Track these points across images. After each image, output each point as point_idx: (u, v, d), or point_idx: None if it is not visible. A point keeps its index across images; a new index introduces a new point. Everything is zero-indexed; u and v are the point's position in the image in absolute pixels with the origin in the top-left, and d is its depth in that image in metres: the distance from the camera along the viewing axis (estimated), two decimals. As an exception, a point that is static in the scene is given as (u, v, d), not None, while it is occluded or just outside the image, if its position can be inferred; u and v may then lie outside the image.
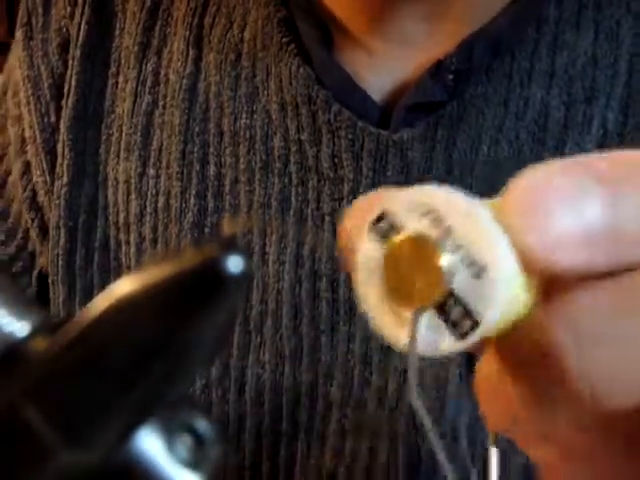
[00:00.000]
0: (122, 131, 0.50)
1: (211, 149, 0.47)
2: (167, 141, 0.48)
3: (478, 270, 0.18)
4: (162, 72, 0.49)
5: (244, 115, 0.47)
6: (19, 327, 0.15)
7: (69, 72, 0.51)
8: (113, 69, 0.51)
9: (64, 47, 0.51)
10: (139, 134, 0.49)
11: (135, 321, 0.14)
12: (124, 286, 0.14)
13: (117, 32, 0.51)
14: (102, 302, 0.14)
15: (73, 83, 0.51)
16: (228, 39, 0.48)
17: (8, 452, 0.14)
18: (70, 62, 0.51)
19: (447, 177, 0.43)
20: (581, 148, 0.43)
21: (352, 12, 0.46)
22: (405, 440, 0.43)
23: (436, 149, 0.43)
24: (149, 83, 0.49)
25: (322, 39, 0.46)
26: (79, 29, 0.51)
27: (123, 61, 0.50)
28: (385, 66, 0.46)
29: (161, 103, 0.49)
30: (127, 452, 0.15)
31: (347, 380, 0.44)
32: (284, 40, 0.46)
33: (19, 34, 0.53)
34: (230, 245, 0.14)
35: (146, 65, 0.49)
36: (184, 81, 0.48)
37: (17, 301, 0.15)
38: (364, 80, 0.46)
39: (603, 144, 0.43)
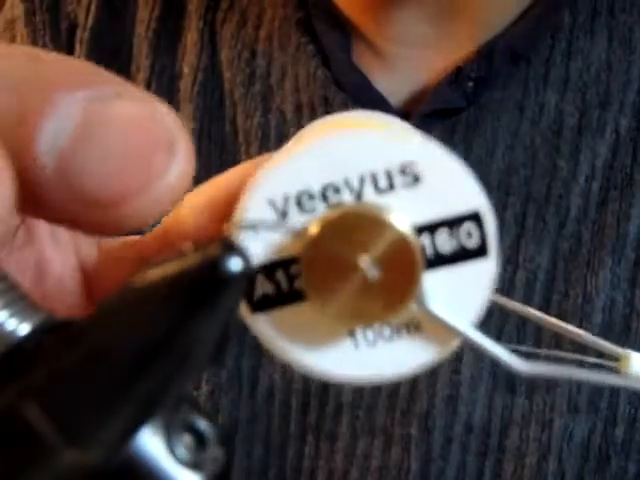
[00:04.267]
0: None
1: (225, 147, 0.46)
2: None
3: None
4: (177, 65, 0.48)
5: (257, 114, 0.46)
6: (19, 327, 0.15)
7: (76, 56, 0.49)
8: (124, 56, 0.49)
9: (72, 32, 0.49)
10: None
11: (136, 321, 0.13)
12: (125, 286, 0.13)
13: (128, 19, 0.49)
14: (103, 302, 0.14)
15: None
16: (242, 36, 0.47)
17: (8, 452, 0.14)
18: (78, 46, 0.49)
19: None
20: (595, 154, 0.42)
21: (360, 13, 0.45)
22: (417, 442, 0.43)
23: None
24: (164, 75, 0.48)
25: (340, 41, 0.45)
26: (88, 12, 0.49)
27: (135, 49, 0.49)
28: (399, 70, 0.45)
29: (176, 98, 0.47)
30: (127, 452, 0.14)
31: None
32: (302, 41, 0.45)
33: (19, 10, 0.50)
34: (230, 245, 0.14)
35: (161, 56, 0.48)
36: (198, 74, 0.47)
37: (18, 301, 0.15)
38: (380, 83, 0.45)
39: (616, 150, 0.43)
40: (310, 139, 0.16)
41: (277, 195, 0.16)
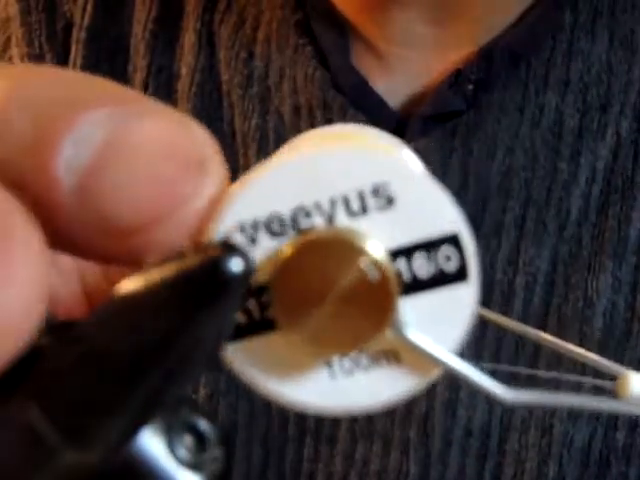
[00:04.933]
0: None
1: (223, 149, 0.46)
2: None
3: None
4: (174, 66, 0.47)
5: (255, 115, 0.45)
6: None
7: (72, 56, 0.49)
8: (121, 57, 0.48)
9: (68, 31, 0.49)
10: None
11: (137, 321, 0.13)
12: (126, 287, 0.14)
13: (125, 19, 0.49)
14: (104, 302, 0.14)
15: (78, 68, 0.48)
16: (239, 37, 0.46)
17: (10, 453, 0.14)
18: (74, 46, 0.49)
19: (462, 186, 0.43)
20: (595, 156, 0.42)
21: (359, 14, 0.45)
22: (416, 445, 0.43)
23: (452, 158, 0.43)
24: (162, 76, 0.47)
25: (339, 42, 0.45)
26: (84, 12, 0.49)
27: (132, 50, 0.48)
28: (398, 71, 0.45)
29: (174, 98, 0.47)
30: (128, 452, 0.14)
31: None
32: (300, 42, 0.45)
33: (14, 10, 0.50)
34: (231, 246, 0.13)
35: (158, 56, 0.48)
36: (196, 75, 0.47)
37: None
38: (379, 85, 0.45)
39: (617, 152, 0.42)
40: (280, 159, 0.16)
41: (246, 220, 0.15)
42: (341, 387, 0.16)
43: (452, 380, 0.42)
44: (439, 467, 0.42)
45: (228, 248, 0.13)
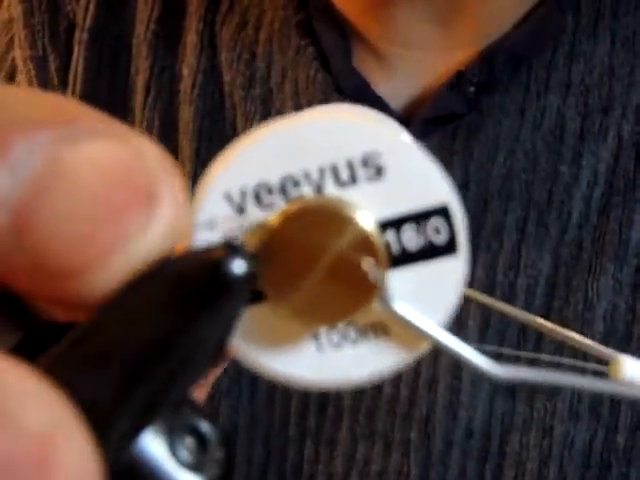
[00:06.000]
0: (134, 125, 0.47)
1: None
2: (180, 138, 0.46)
3: None
4: (177, 67, 0.47)
5: (257, 117, 0.45)
6: (18, 330, 0.14)
7: (75, 57, 0.49)
8: (123, 58, 0.48)
9: (70, 32, 0.49)
10: (155, 131, 0.47)
11: (137, 324, 0.13)
12: (126, 287, 0.13)
13: (128, 19, 0.49)
14: (104, 304, 0.13)
15: (80, 69, 0.48)
16: (242, 38, 0.46)
17: None
18: (76, 47, 0.49)
19: (463, 188, 0.43)
20: (597, 158, 0.42)
21: (360, 14, 0.45)
22: (417, 447, 0.43)
23: (453, 160, 0.43)
24: (164, 77, 0.47)
25: (341, 44, 0.45)
26: (86, 12, 0.49)
27: (134, 50, 0.48)
28: (400, 72, 0.45)
29: (176, 99, 0.47)
30: (129, 454, 0.14)
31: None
32: (302, 43, 0.45)
33: (17, 11, 0.50)
34: (233, 247, 0.13)
35: (161, 57, 0.48)
36: (198, 76, 0.47)
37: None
38: (380, 87, 0.44)
39: (618, 154, 0.42)
40: (267, 128, 0.15)
41: (233, 189, 0.15)
42: (329, 360, 0.16)
43: (453, 381, 0.42)
44: (440, 468, 0.42)
45: (230, 249, 0.13)
